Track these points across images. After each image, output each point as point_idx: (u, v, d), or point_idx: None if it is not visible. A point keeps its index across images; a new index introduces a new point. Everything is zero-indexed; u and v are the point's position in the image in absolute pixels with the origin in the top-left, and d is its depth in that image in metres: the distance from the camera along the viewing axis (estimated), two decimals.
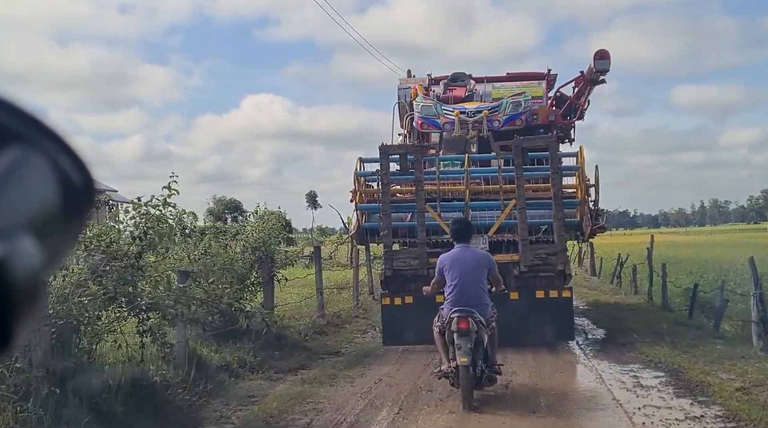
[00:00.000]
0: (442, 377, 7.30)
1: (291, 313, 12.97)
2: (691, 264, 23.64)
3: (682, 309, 13.93)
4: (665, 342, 10.20)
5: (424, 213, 10.60)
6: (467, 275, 7.27)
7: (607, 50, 11.57)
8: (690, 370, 8.41)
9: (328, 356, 10.23)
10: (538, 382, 8.22)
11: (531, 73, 13.82)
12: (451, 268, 7.34)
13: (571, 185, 11.25)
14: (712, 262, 23.60)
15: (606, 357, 9.78)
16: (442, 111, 11.98)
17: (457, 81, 13.36)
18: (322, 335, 11.85)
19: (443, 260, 7.50)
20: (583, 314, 14.70)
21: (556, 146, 10.80)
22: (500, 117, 11.88)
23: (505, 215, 10.63)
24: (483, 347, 7.11)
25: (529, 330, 10.05)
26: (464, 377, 6.88)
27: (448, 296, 7.31)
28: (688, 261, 25.27)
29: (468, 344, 6.93)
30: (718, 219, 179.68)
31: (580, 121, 13.14)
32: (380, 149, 10.85)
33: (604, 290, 20.84)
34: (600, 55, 11.53)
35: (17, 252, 0.57)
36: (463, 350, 6.90)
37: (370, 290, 18.18)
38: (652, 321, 12.69)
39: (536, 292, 10.38)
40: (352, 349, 10.84)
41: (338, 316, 13.78)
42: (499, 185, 10.87)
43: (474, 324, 6.99)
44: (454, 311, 7.09)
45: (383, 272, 10.78)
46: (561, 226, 10.41)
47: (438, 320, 7.40)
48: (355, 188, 11.29)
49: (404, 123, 13.48)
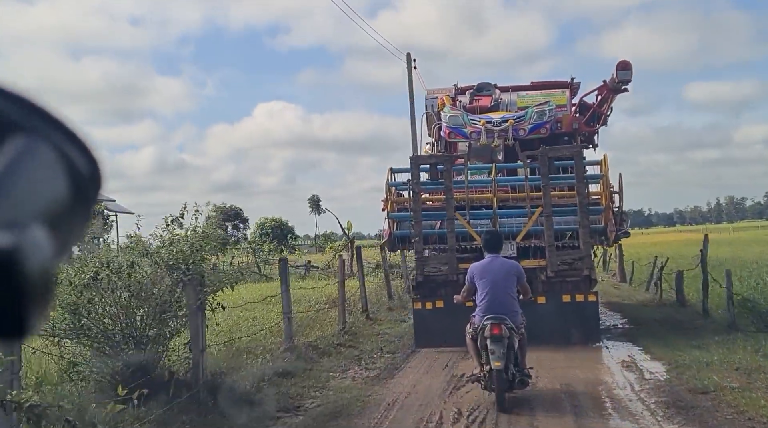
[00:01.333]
0: (474, 381, 7.71)
1: (249, 346, 10.07)
2: (735, 266, 18.72)
3: (751, 329, 11.15)
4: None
5: (453, 221, 11.01)
6: (498, 284, 7.66)
7: (629, 61, 11.92)
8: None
9: (284, 415, 7.35)
10: None
11: (555, 81, 14.18)
12: (482, 277, 7.73)
13: (596, 192, 11.62)
14: (759, 262, 20.29)
15: None
16: (469, 121, 12.39)
17: (482, 91, 13.76)
18: (285, 377, 8.72)
19: (474, 270, 7.90)
20: (628, 338, 11.61)
21: (581, 155, 11.18)
22: (526, 126, 12.27)
23: (532, 222, 11.02)
24: (514, 352, 7.50)
25: (556, 333, 10.42)
26: (498, 380, 7.26)
27: (479, 303, 7.70)
28: (729, 262, 20.26)
29: (501, 349, 7.31)
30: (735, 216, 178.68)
31: (603, 127, 13.53)
32: (411, 159, 11.31)
33: (642, 300, 17.60)
34: (622, 66, 11.88)
35: (28, 242, 0.58)
36: (496, 354, 7.28)
37: (364, 308, 14.95)
38: (735, 349, 9.58)
39: (563, 296, 10.78)
40: (321, 401, 7.91)
41: (315, 347, 10.73)
42: (526, 192, 11.28)
43: (506, 330, 7.38)
44: (487, 319, 7.46)
45: (414, 277, 11.21)
46: (587, 232, 10.78)
47: (470, 327, 7.79)
48: (386, 197, 11.72)
49: (432, 132, 13.91)
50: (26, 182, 0.61)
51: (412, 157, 11.39)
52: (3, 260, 0.56)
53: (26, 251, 0.57)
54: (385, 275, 19.23)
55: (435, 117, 13.53)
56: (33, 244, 0.58)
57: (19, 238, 0.57)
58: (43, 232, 0.60)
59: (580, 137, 13.18)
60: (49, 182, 0.63)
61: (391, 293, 18.48)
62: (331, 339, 11.60)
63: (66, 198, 0.64)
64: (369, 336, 12.55)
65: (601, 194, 11.54)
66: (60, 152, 0.64)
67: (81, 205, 0.66)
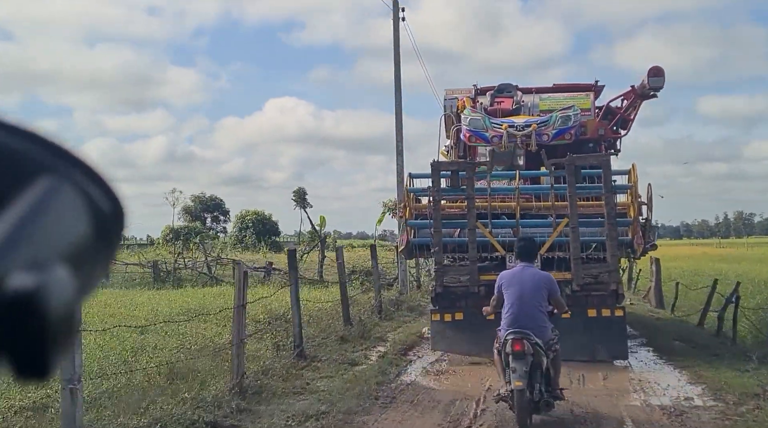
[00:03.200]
0: (500, 400, 7.09)
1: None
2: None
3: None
4: None
5: (475, 230, 10.45)
6: (525, 296, 7.05)
7: (662, 68, 11.39)
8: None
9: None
10: None
11: (578, 84, 13.65)
12: (509, 287, 7.13)
13: (623, 203, 11.07)
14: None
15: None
16: (491, 124, 11.85)
17: (503, 92, 13.22)
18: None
19: (502, 278, 7.31)
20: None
21: (609, 164, 10.62)
22: (549, 131, 11.72)
23: (557, 232, 10.47)
24: (542, 370, 6.90)
25: (581, 349, 9.91)
26: (519, 401, 6.67)
27: (504, 316, 7.11)
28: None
29: (523, 367, 6.70)
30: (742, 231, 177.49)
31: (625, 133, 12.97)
32: (432, 165, 10.74)
33: (703, 345, 11.51)
34: (654, 73, 11.35)
35: (52, 282, 0.58)
36: (518, 373, 6.68)
37: (348, 318, 12.75)
38: None
39: (588, 311, 10.22)
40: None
41: (262, 376, 8.42)
42: (551, 202, 10.73)
43: (530, 346, 6.77)
44: (509, 333, 6.88)
45: (433, 288, 10.67)
46: (614, 245, 10.23)
47: (497, 341, 7.22)
48: (404, 204, 11.19)
49: (450, 134, 13.37)
50: (50, 222, 0.61)
51: (432, 163, 10.81)
52: (27, 301, 0.56)
53: (50, 291, 0.57)
54: (375, 285, 16.00)
55: (454, 119, 12.98)
56: (56, 284, 0.58)
57: (42, 278, 0.57)
58: (67, 272, 0.60)
59: (604, 143, 12.64)
60: (72, 221, 0.63)
61: (381, 307, 15.24)
62: (289, 368, 8.91)
63: (89, 237, 0.64)
64: (282, 396, 7.94)
65: (628, 205, 10.99)
66: (82, 191, 0.65)
67: (103, 244, 0.67)
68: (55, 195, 0.62)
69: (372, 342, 11.80)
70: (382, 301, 15.56)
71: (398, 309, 16.30)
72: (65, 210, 0.63)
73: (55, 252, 0.61)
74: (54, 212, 0.62)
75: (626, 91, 12.55)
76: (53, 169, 0.64)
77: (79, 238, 0.64)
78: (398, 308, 16.49)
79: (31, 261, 0.58)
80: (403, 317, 15.48)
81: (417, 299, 18.80)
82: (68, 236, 0.63)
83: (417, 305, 17.44)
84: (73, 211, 0.64)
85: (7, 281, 0.56)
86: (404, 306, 16.82)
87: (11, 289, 0.56)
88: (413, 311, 16.54)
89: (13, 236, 0.58)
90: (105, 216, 0.66)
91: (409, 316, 15.65)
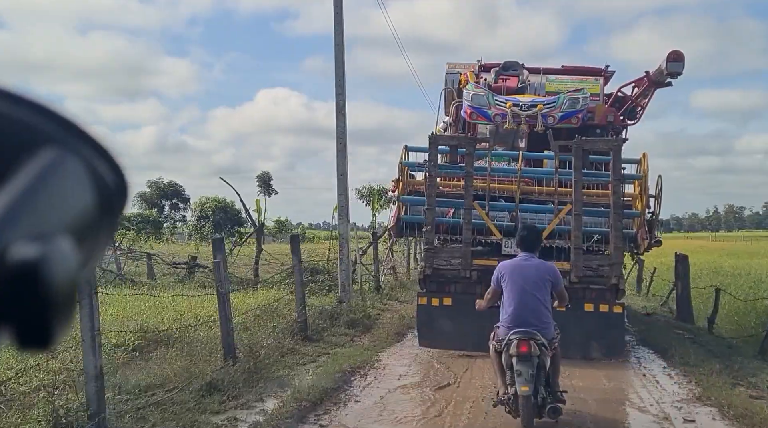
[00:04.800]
0: (498, 404, 6.53)
1: None
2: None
3: None
4: None
5: (471, 211, 9.86)
6: (529, 291, 6.43)
7: (682, 52, 10.73)
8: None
9: None
10: None
11: (588, 67, 12.99)
12: (511, 279, 6.50)
13: (630, 195, 10.49)
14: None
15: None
16: (494, 102, 11.20)
17: (509, 70, 12.56)
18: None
19: (502, 269, 6.66)
20: None
21: (620, 150, 10.01)
22: (556, 113, 11.09)
23: (558, 219, 9.90)
24: (545, 372, 6.33)
25: (575, 345, 9.37)
26: (525, 407, 6.12)
27: (505, 312, 6.48)
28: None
29: (529, 370, 6.14)
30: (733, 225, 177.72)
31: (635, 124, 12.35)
32: (430, 138, 10.08)
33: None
34: (674, 57, 10.69)
35: (56, 253, 0.58)
36: (524, 377, 6.12)
37: (231, 348, 8.10)
38: None
39: (585, 305, 9.67)
40: None
41: None
42: (554, 186, 10.14)
43: (536, 347, 6.19)
44: (513, 333, 6.27)
45: (422, 270, 10.09)
46: (619, 236, 9.65)
47: (494, 338, 6.60)
48: (398, 178, 10.56)
49: (449, 110, 12.72)
50: (54, 194, 0.61)
51: (430, 136, 10.17)
52: (30, 271, 0.57)
53: (53, 262, 0.58)
54: (297, 293, 11.06)
55: (455, 94, 12.32)
56: (59, 255, 0.59)
57: (46, 249, 0.58)
58: (70, 243, 0.60)
59: (612, 131, 12.03)
60: (77, 194, 0.64)
61: (306, 323, 10.76)
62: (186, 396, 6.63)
63: (93, 210, 0.65)
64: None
65: (636, 197, 10.41)
66: (88, 164, 0.65)
67: (107, 217, 0.67)
68: (61, 167, 0.62)
69: (260, 392, 7.35)
70: (307, 315, 10.93)
71: (333, 325, 11.49)
72: (70, 182, 0.63)
73: (59, 224, 0.61)
74: (59, 183, 0.62)
75: (638, 78, 11.91)
76: (60, 141, 0.63)
77: (83, 210, 0.64)
78: (333, 322, 11.60)
79: (35, 232, 0.58)
80: (337, 337, 10.86)
81: (364, 308, 13.50)
82: (72, 208, 0.63)
83: (361, 318, 12.31)
84: (79, 183, 0.64)
85: (10, 250, 0.56)
86: (342, 321, 11.74)
87: (15, 259, 0.56)
88: (354, 326, 11.69)
89: (17, 206, 0.58)
90: (110, 190, 0.67)
91: (347, 335, 11.09)
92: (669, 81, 11.32)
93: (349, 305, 13.02)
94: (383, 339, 10.87)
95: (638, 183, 10.36)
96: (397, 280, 19.62)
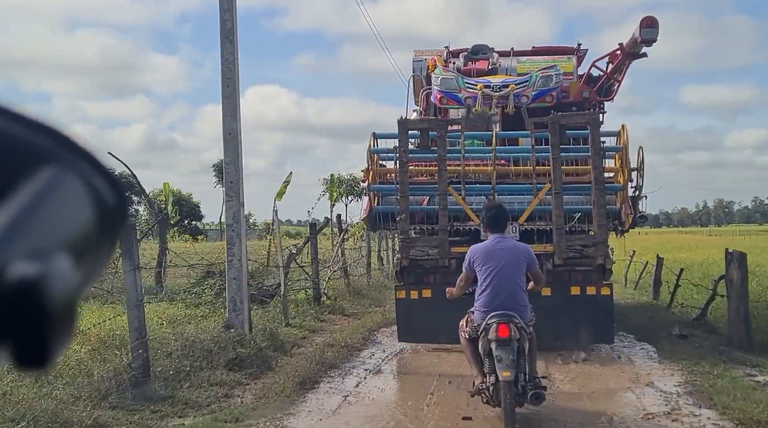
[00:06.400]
0: (476, 394, 6.07)
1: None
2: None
3: None
4: None
5: (446, 196, 9.34)
6: (505, 272, 6.01)
7: (656, 18, 10.29)
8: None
9: None
10: None
11: (560, 47, 12.64)
12: (486, 263, 6.06)
13: (611, 169, 10.01)
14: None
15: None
16: (464, 85, 10.76)
17: (478, 54, 12.16)
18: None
19: (475, 253, 6.21)
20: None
21: (598, 122, 9.54)
22: (529, 92, 10.66)
23: (537, 200, 9.40)
24: (524, 357, 5.89)
25: (562, 331, 8.90)
26: (506, 394, 5.62)
27: (481, 296, 6.04)
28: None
29: (510, 355, 5.70)
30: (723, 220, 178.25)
31: (609, 102, 11.91)
32: (399, 123, 9.56)
33: None
34: (647, 23, 10.23)
35: (55, 271, 0.57)
36: (504, 362, 5.67)
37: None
38: None
39: (571, 288, 9.17)
40: None
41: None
42: (532, 166, 9.65)
43: (516, 331, 5.77)
44: (492, 316, 5.83)
45: (399, 261, 9.55)
46: (602, 214, 9.15)
47: (467, 325, 6.16)
48: (368, 167, 10.04)
49: (419, 99, 12.26)
50: (53, 212, 0.60)
51: (399, 120, 9.66)
52: (28, 289, 0.55)
53: (51, 280, 0.56)
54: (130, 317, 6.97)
55: (424, 81, 11.87)
56: (58, 274, 0.57)
57: (45, 267, 0.57)
58: (69, 262, 0.59)
59: (589, 108, 11.58)
60: (76, 211, 0.63)
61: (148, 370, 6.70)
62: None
63: (92, 228, 0.64)
64: None
65: (617, 171, 9.93)
66: (87, 182, 0.64)
67: (106, 234, 0.65)
68: (60, 185, 0.62)
69: None
70: (149, 354, 6.94)
71: (206, 367, 7.47)
72: (69, 200, 0.62)
73: (58, 242, 0.60)
74: (58, 201, 0.61)
75: (612, 51, 11.49)
76: (59, 159, 0.62)
77: (83, 228, 0.63)
78: (209, 362, 7.59)
79: (34, 250, 0.57)
80: (202, 390, 6.86)
81: (274, 334, 9.43)
82: (72, 226, 0.62)
83: (256, 353, 8.27)
84: (78, 201, 0.63)
85: (9, 268, 0.55)
86: (222, 359, 7.71)
87: (13, 277, 0.55)
88: (242, 367, 7.78)
89: (16, 224, 0.57)
90: (108, 208, 0.65)
91: (222, 384, 7.12)
92: (644, 51, 10.89)
93: (239, 333, 8.61)
94: (277, 394, 6.83)
95: (619, 156, 9.89)
96: (349, 285, 15.75)
